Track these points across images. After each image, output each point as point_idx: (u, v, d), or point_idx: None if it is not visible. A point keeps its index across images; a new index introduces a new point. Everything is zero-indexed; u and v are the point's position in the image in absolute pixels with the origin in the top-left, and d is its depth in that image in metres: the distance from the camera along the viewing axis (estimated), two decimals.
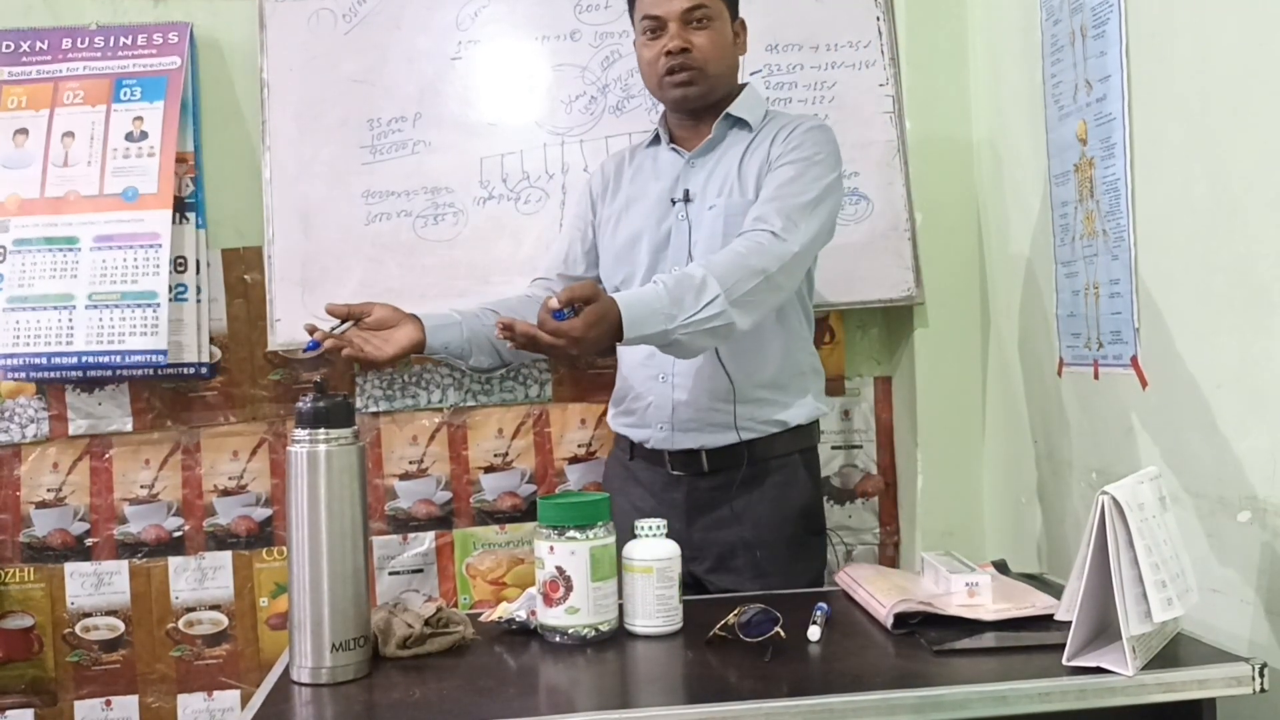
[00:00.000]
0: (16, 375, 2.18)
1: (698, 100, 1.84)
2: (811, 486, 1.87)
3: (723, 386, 1.78)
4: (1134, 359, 1.65)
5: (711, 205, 1.81)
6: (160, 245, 2.15)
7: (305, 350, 1.67)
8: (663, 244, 1.84)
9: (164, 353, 2.13)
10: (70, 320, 2.13)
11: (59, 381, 2.23)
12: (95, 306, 2.13)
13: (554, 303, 1.48)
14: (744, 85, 1.91)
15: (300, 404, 1.37)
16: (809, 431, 1.88)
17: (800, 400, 1.84)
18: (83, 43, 2.25)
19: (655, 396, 1.84)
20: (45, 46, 2.24)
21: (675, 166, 1.88)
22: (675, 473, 1.84)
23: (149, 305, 2.14)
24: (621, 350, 1.92)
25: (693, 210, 1.82)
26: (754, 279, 1.61)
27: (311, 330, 1.67)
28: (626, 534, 1.74)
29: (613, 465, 2.00)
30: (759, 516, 1.81)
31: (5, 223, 2.17)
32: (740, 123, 1.86)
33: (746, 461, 1.80)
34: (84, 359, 2.13)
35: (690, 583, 1.80)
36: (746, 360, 1.79)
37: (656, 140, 1.94)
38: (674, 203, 1.84)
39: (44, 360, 2.13)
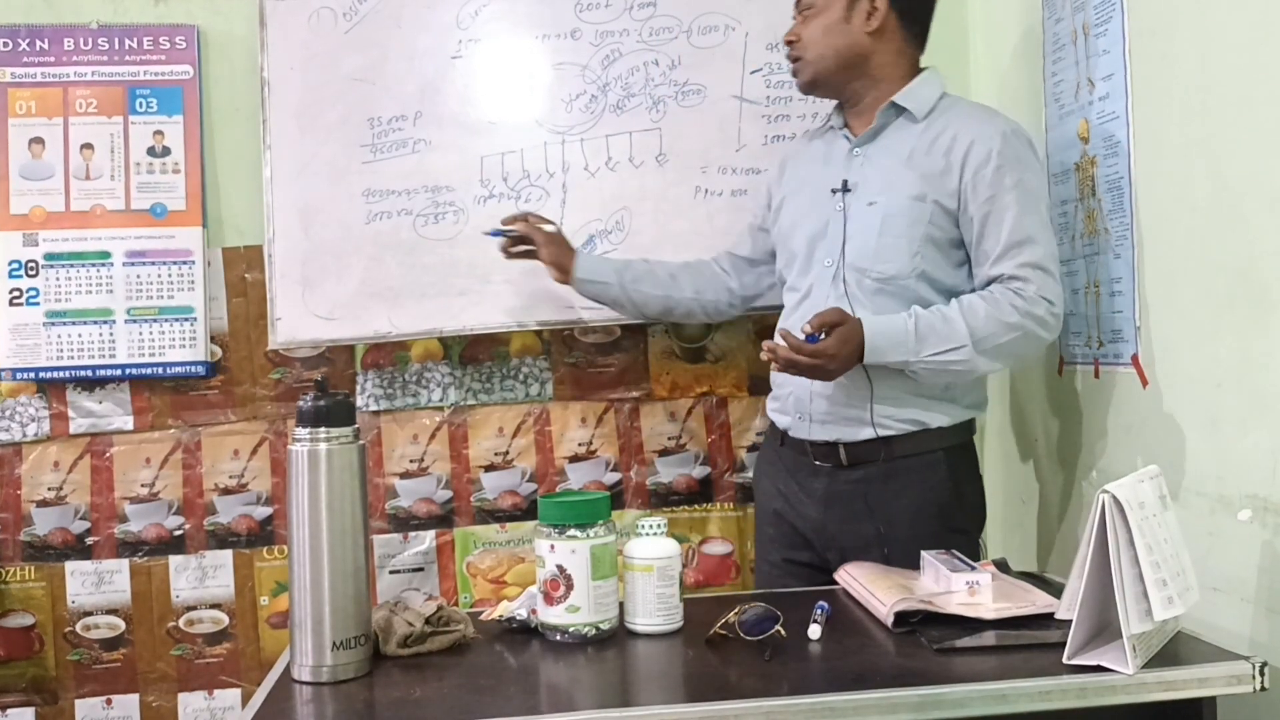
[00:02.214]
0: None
1: (809, 89, 1.87)
2: (951, 484, 1.79)
3: (861, 385, 1.74)
4: (1135, 357, 1.65)
5: (872, 202, 1.77)
6: (194, 262, 2.24)
7: (489, 233, 2.05)
8: (820, 233, 1.82)
9: (205, 364, 2.24)
10: (111, 334, 2.22)
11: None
12: (135, 321, 2.22)
13: (807, 328, 1.64)
14: (923, 70, 1.84)
15: (301, 402, 1.37)
16: (955, 431, 1.80)
17: (943, 404, 1.77)
18: (86, 43, 2.25)
19: (795, 387, 1.82)
20: (47, 46, 2.24)
21: (842, 153, 1.85)
22: (818, 463, 1.82)
23: (186, 319, 2.23)
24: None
25: (850, 201, 1.79)
26: (1009, 333, 1.65)
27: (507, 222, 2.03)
28: (767, 513, 1.90)
29: (764, 449, 2.01)
30: (893, 513, 1.77)
31: (34, 236, 2.21)
32: (906, 111, 1.80)
33: (875, 458, 1.77)
34: (128, 371, 2.23)
35: (818, 564, 1.84)
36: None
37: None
38: (833, 192, 1.81)
39: (90, 374, 2.23)
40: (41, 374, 2.21)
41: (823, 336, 1.64)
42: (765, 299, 2.07)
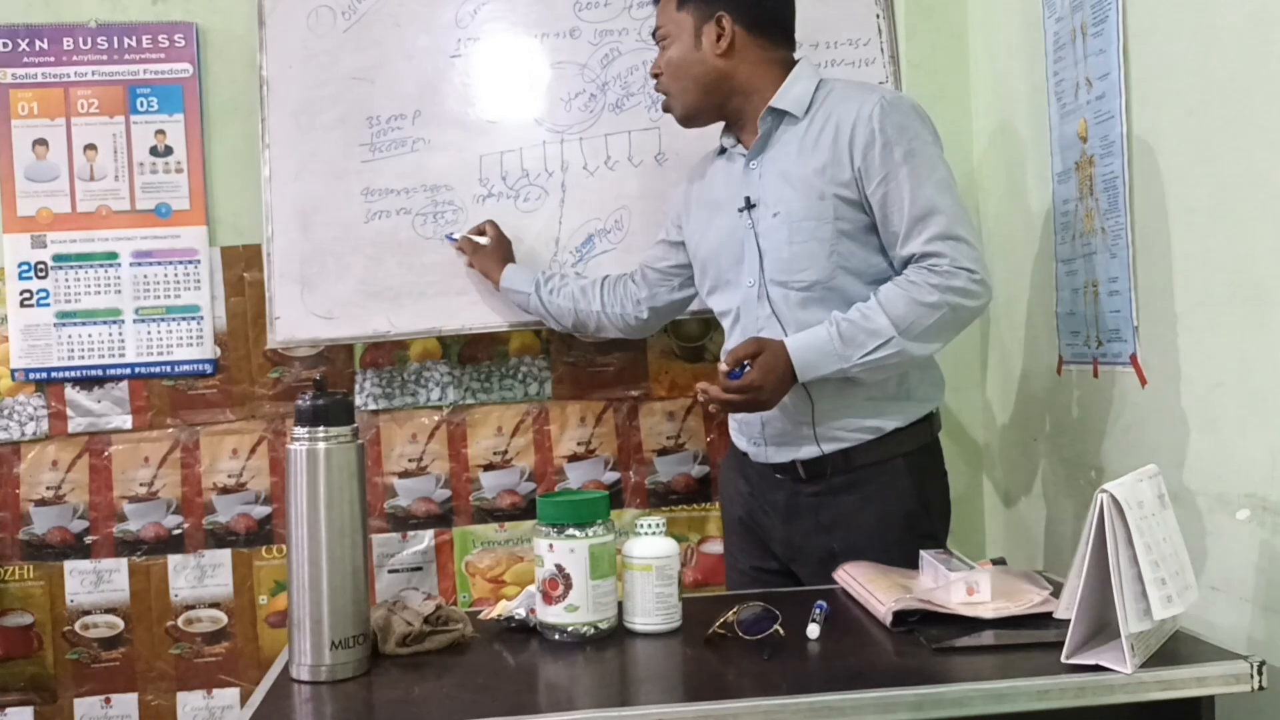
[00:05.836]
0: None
1: (686, 122, 1.86)
2: (916, 491, 1.75)
3: (803, 403, 1.71)
4: (1133, 357, 1.65)
5: (776, 212, 1.73)
6: (199, 261, 2.28)
7: (447, 238, 2.18)
8: (738, 255, 1.79)
9: (212, 361, 2.28)
10: (120, 334, 2.25)
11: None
12: (142, 320, 2.26)
13: (724, 367, 1.64)
14: (795, 65, 1.79)
15: (300, 402, 1.37)
16: (914, 432, 1.75)
17: (897, 403, 1.73)
18: (85, 43, 2.25)
19: (746, 414, 1.78)
20: (46, 46, 2.24)
21: (739, 170, 1.82)
22: (778, 476, 1.80)
23: (193, 318, 2.27)
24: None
25: (757, 217, 1.76)
26: (933, 314, 1.61)
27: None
28: (732, 521, 1.91)
29: (729, 457, 1.98)
30: (856, 525, 1.73)
31: (42, 238, 2.24)
32: (787, 114, 1.76)
33: (833, 471, 1.74)
34: (137, 370, 2.27)
35: (786, 573, 1.83)
36: None
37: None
38: (740, 211, 1.78)
39: (99, 374, 2.27)
40: (54, 374, 2.24)
41: (747, 367, 1.62)
42: (680, 311, 2.08)
